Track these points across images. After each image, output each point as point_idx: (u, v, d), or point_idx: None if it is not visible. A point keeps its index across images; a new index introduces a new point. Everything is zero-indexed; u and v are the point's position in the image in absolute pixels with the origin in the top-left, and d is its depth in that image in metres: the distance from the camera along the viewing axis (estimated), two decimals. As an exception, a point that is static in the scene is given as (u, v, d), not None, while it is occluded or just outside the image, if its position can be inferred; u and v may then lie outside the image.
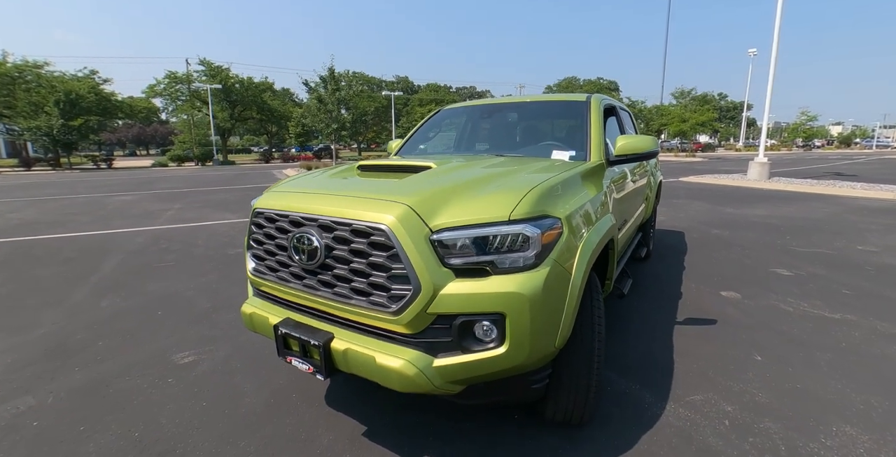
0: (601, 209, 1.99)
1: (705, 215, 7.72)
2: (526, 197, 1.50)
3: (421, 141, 3.31)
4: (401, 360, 1.41)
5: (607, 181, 2.33)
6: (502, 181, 1.68)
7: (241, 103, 39.41)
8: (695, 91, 50.17)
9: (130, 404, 2.25)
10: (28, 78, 30.93)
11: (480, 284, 1.39)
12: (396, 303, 1.43)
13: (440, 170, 1.85)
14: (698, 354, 2.63)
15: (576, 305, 1.54)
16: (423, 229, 1.41)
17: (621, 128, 3.55)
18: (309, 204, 1.66)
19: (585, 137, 2.59)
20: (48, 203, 10.54)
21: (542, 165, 2.13)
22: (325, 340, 1.55)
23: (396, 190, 1.59)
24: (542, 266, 1.44)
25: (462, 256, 1.41)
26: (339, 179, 1.95)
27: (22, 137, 32.18)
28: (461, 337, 1.42)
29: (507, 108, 3.18)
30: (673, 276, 4.20)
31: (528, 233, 1.41)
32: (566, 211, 1.61)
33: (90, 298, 3.80)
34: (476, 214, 1.44)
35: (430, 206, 1.46)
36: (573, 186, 1.85)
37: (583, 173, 2.07)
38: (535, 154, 2.64)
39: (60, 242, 6.04)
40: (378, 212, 1.46)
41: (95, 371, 2.59)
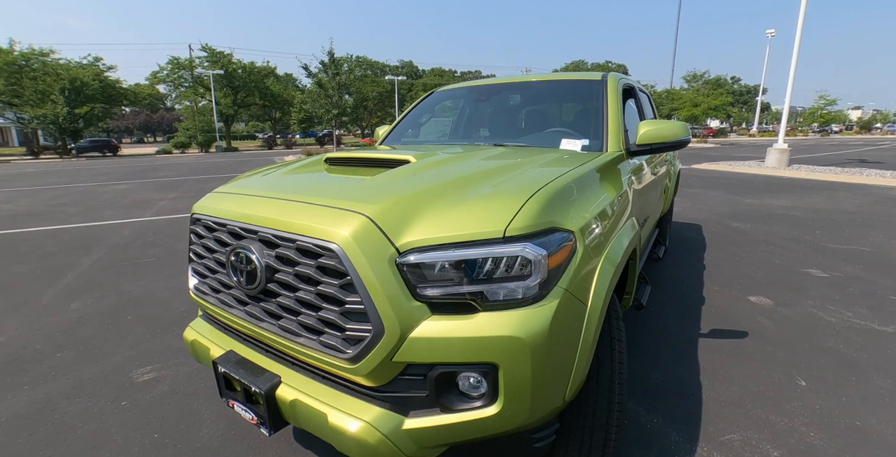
0: (623, 213, 1.61)
1: (723, 206, 7.25)
2: (528, 204, 1.13)
3: (411, 127, 2.92)
4: (359, 421, 1.07)
5: (627, 175, 1.94)
6: (497, 181, 1.30)
7: (244, 89, 38.94)
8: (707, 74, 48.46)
9: (73, 434, 1.95)
10: (34, 66, 30.73)
11: (465, 325, 1.03)
12: (353, 347, 1.08)
13: (419, 165, 1.47)
14: (730, 376, 2.26)
15: (592, 344, 1.18)
16: (386, 249, 1.04)
17: (641, 112, 3.12)
18: (251, 210, 1.31)
19: (601, 122, 2.18)
20: (44, 193, 10.32)
21: (549, 157, 1.74)
22: (269, 386, 1.21)
23: (356, 194, 1.22)
24: (548, 298, 1.07)
25: (440, 286, 1.04)
26: (298, 177, 1.59)
27: (30, 125, 32.17)
28: (439, 392, 1.07)
29: (510, 90, 2.76)
30: (692, 277, 3.81)
31: (530, 255, 1.04)
32: (581, 221, 1.23)
33: (60, 300, 3.52)
34: (460, 228, 1.07)
35: (398, 216, 1.09)
36: (589, 185, 1.47)
37: (600, 168, 1.68)
38: (542, 143, 2.24)
39: (45, 236, 5.78)
40: (327, 224, 1.09)
41: (45, 391, 2.30)
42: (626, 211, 1.68)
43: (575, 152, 1.95)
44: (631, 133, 2.37)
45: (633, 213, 1.81)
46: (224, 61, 36.90)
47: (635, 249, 1.70)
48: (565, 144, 2.09)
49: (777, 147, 13.33)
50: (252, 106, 42.73)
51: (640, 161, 2.44)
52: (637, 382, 2.21)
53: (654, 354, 2.50)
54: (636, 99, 2.98)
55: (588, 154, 1.89)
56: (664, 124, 2.01)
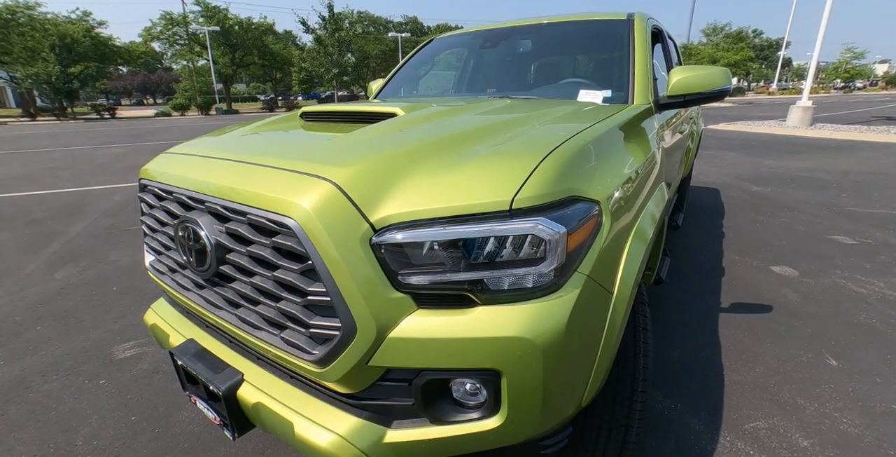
0: (654, 178, 1.35)
1: (742, 169, 6.86)
2: (541, 167, 0.87)
3: (408, 81, 2.59)
4: (331, 434, 0.88)
5: (656, 132, 1.65)
6: (502, 138, 1.03)
7: (242, 47, 37.22)
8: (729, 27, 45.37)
9: (47, 416, 1.84)
10: (21, 20, 29.32)
11: (459, 322, 0.81)
12: (320, 347, 0.87)
13: (406, 119, 1.20)
14: (753, 356, 2.08)
15: (617, 340, 0.96)
16: (357, 226, 0.81)
17: (668, 60, 2.75)
18: (199, 175, 1.06)
19: (627, 70, 1.85)
20: (37, 156, 10.07)
21: (565, 110, 1.45)
22: (229, 385, 1.02)
23: (322, 154, 0.96)
24: (566, 288, 0.84)
25: (428, 273, 0.81)
26: (264, 135, 1.32)
27: (23, 85, 31.27)
28: (428, 402, 0.87)
29: (519, 34, 2.39)
30: (711, 246, 3.57)
31: (545, 233, 0.80)
32: (607, 188, 0.97)
33: (44, 269, 3.38)
34: (453, 198, 0.82)
35: (375, 183, 0.84)
36: (614, 143, 1.20)
37: (626, 123, 1.39)
38: (556, 96, 1.93)
39: (34, 201, 5.60)
40: (283, 193, 0.85)
41: (20, 367, 2.18)
42: (657, 175, 1.41)
43: (596, 105, 1.65)
44: (660, 83, 2.04)
45: (662, 177, 1.54)
46: (220, 17, 35.05)
47: (663, 221, 1.45)
48: (584, 95, 1.77)
49: (801, 105, 12.58)
50: (251, 66, 41.06)
51: (668, 117, 2.13)
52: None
53: (671, 331, 2.32)
54: (664, 44, 2.61)
55: (611, 107, 1.59)
56: (701, 71, 1.69)
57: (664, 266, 2.08)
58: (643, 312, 1.19)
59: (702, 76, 1.67)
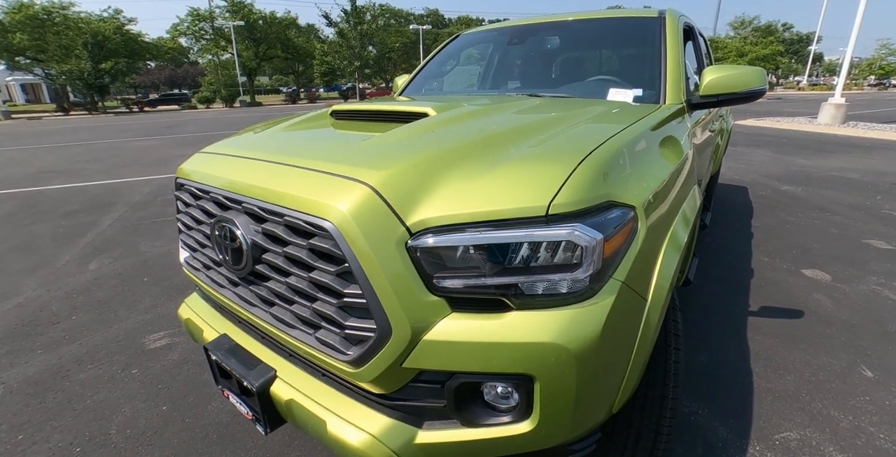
0: (687, 180, 1.32)
1: (771, 167, 6.64)
2: (578, 172, 0.86)
3: (434, 76, 2.58)
4: (363, 433, 0.89)
5: (688, 133, 1.61)
6: (536, 140, 1.02)
7: (266, 41, 37.81)
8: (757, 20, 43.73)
9: (82, 405, 1.91)
10: (56, 20, 30.44)
11: (493, 327, 0.81)
12: (355, 348, 0.88)
13: (438, 119, 1.20)
14: (784, 363, 2.02)
15: (650, 346, 0.95)
16: (394, 229, 0.81)
17: (699, 58, 2.67)
18: (236, 175, 1.08)
19: (659, 68, 1.81)
20: (70, 149, 10.44)
21: (596, 110, 1.43)
22: (262, 381, 1.05)
23: (357, 156, 0.97)
24: (601, 294, 0.84)
25: (463, 277, 0.82)
26: (296, 133, 1.34)
27: (57, 81, 32.46)
28: (460, 404, 0.88)
29: (547, 31, 2.35)
30: (739, 246, 3.47)
31: (582, 239, 0.79)
32: (643, 193, 0.96)
33: (79, 260, 3.52)
34: (489, 203, 0.82)
35: (411, 186, 0.85)
36: (648, 146, 1.17)
37: (659, 124, 1.36)
38: (585, 94, 1.90)
39: (68, 193, 5.82)
40: (321, 196, 0.86)
41: (57, 355, 2.28)
42: (690, 177, 1.38)
43: (627, 105, 1.62)
44: (692, 82, 1.99)
45: (695, 179, 1.51)
46: (244, 12, 35.66)
47: (695, 223, 1.42)
48: (613, 94, 1.74)
49: (833, 102, 12.08)
50: (274, 59, 41.70)
51: (699, 116, 2.07)
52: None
53: (698, 334, 2.27)
54: (695, 42, 2.53)
55: (643, 107, 1.56)
56: (735, 71, 1.64)
57: (692, 267, 2.04)
58: (675, 317, 1.17)
59: (736, 76, 1.62)
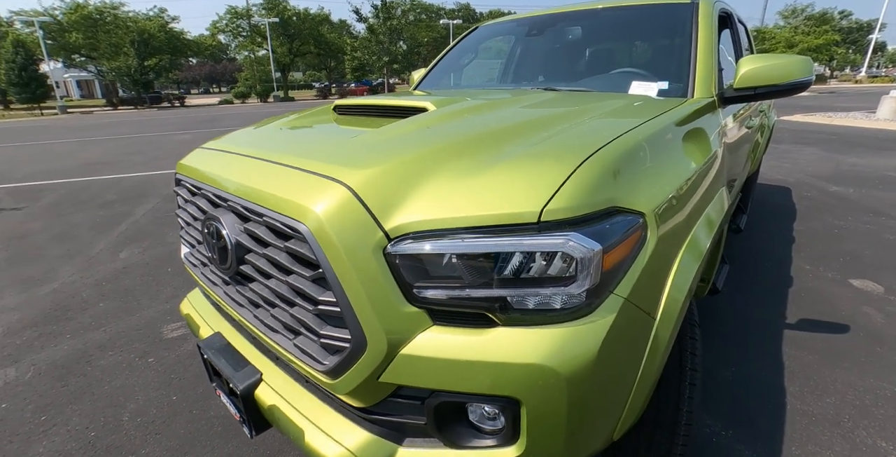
0: (713, 182, 1.19)
1: (820, 166, 6.18)
2: (578, 173, 0.77)
3: (451, 70, 2.50)
4: (339, 447, 0.85)
5: (719, 130, 1.47)
6: (537, 138, 0.93)
7: (299, 37, 38.71)
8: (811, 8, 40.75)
9: (101, 390, 1.98)
10: (107, 19, 32.21)
11: (477, 343, 0.74)
12: (332, 357, 0.83)
13: (436, 115, 1.12)
14: (824, 383, 1.84)
15: (658, 368, 0.85)
16: (371, 233, 0.75)
17: (738, 47, 2.47)
18: (225, 173, 1.05)
19: (688, 59, 1.66)
20: (115, 142, 11.00)
21: (613, 105, 1.32)
22: (247, 384, 1.02)
23: (341, 154, 0.92)
24: (600, 311, 0.75)
25: (445, 288, 0.75)
26: (294, 130, 1.30)
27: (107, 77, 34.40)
28: (441, 423, 0.81)
29: (569, 21, 2.22)
30: (778, 252, 3.23)
31: (576, 250, 0.70)
32: (656, 198, 0.85)
33: (111, 249, 3.67)
34: (476, 207, 0.74)
35: (392, 187, 0.78)
36: (666, 145, 1.06)
37: (683, 120, 1.24)
38: (606, 88, 1.77)
39: (109, 184, 6.11)
40: (298, 196, 0.81)
41: (83, 341, 2.37)
42: (717, 179, 1.25)
43: (648, 99, 1.49)
44: (726, 73, 1.83)
45: (723, 180, 1.37)
46: (280, 8, 36.58)
47: (722, 229, 1.29)
48: (636, 87, 1.61)
49: (895, 95, 11.13)
50: (307, 54, 42.64)
51: (734, 111, 1.90)
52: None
53: (726, 345, 2.11)
54: (733, 30, 2.34)
55: (667, 101, 1.43)
56: (776, 60, 1.48)
57: (721, 275, 1.88)
58: (692, 334, 1.06)
59: (777, 66, 1.46)
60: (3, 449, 1.70)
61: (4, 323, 2.60)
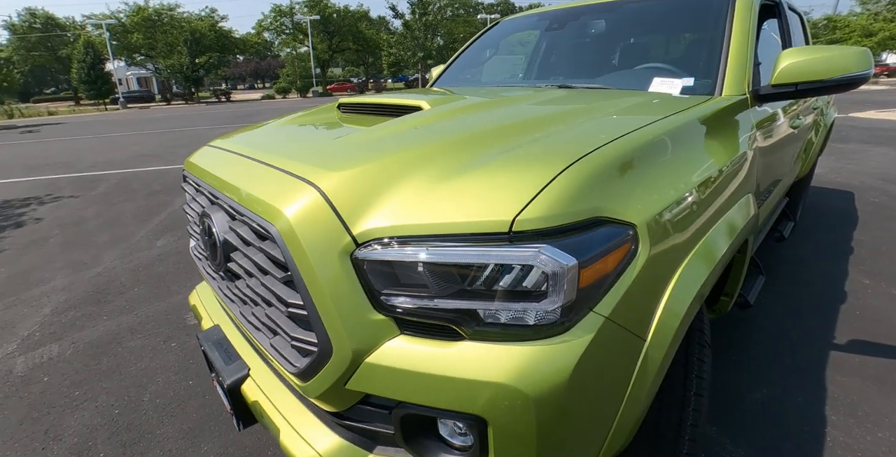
0: (734, 188, 1.09)
1: (891, 168, 5.61)
2: (559, 180, 0.71)
3: (470, 66, 2.44)
4: (310, 449, 0.84)
5: (749, 131, 1.34)
6: (527, 140, 0.87)
7: (339, 34, 39.58)
8: (896, -8, 36.93)
9: (128, 370, 2.10)
10: (165, 20, 34.25)
11: (443, 357, 0.71)
12: (303, 360, 0.82)
13: (428, 115, 1.09)
14: (877, 413, 1.65)
15: (648, 394, 0.79)
16: (339, 237, 0.73)
17: (785, 39, 2.26)
18: (221, 171, 1.07)
19: (719, 53, 1.52)
20: (165, 136, 11.68)
21: (624, 104, 1.23)
22: (234, 378, 1.03)
23: (321, 155, 0.90)
24: (575, 330, 0.69)
25: (412, 296, 0.71)
26: (293, 128, 1.31)
27: (163, 74, 36.61)
28: (408, 435, 0.78)
29: (594, 14, 2.09)
30: (832, 264, 2.95)
31: (547, 264, 0.65)
32: (650, 206, 0.78)
33: (150, 237, 3.89)
34: (445, 214, 0.70)
35: (364, 191, 0.75)
36: (676, 147, 0.97)
37: (704, 119, 1.13)
38: (627, 85, 1.67)
39: (156, 175, 6.48)
40: (272, 198, 0.80)
41: (117, 323, 2.52)
42: (740, 185, 1.14)
43: (667, 97, 1.38)
44: (766, 68, 1.67)
45: (751, 186, 1.25)
46: (321, 6, 37.51)
47: (747, 239, 1.18)
48: (658, 84, 1.49)
49: None
50: (346, 51, 43.57)
51: (775, 109, 1.74)
52: (725, 400, 1.73)
53: (757, 363, 1.95)
54: (781, 20, 2.14)
55: (689, 99, 1.32)
56: (823, 53, 1.33)
57: (754, 287, 1.74)
58: (700, 355, 0.97)
59: (823, 60, 1.31)
60: (43, 419, 1.84)
61: (54, 302, 2.82)
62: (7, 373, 2.15)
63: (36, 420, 1.83)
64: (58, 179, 6.55)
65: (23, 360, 2.25)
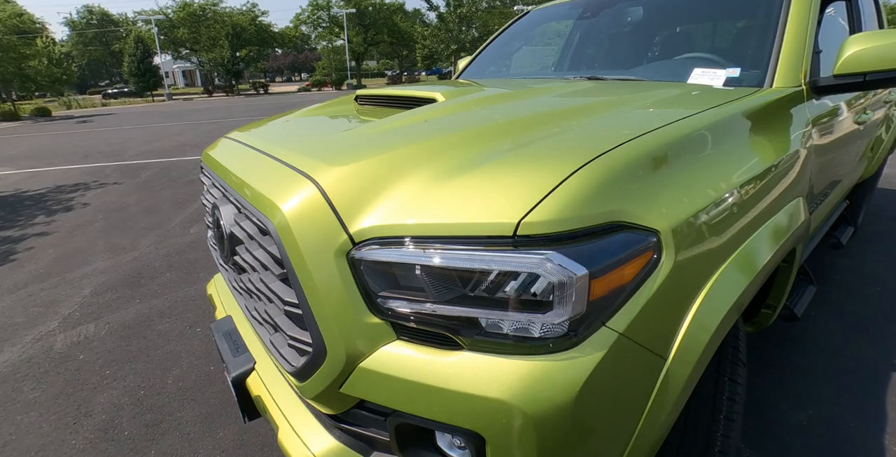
0: (782, 191, 0.97)
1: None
2: (573, 180, 0.64)
3: (499, 58, 2.36)
4: (306, 450, 0.81)
5: (803, 127, 1.21)
6: (542, 135, 0.80)
7: (374, 27, 39.87)
8: None
9: (156, 353, 2.18)
10: (208, 15, 35.55)
11: (439, 366, 0.66)
12: (300, 359, 0.80)
13: (440, 107, 1.03)
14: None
15: (668, 418, 0.71)
16: (335, 236, 0.69)
17: (854, 25, 2.04)
18: (231, 164, 1.05)
19: (771, 40, 1.38)
20: (205, 126, 12.14)
21: (657, 96, 1.13)
22: (239, 372, 1.03)
23: (327, 148, 0.86)
24: (583, 347, 0.62)
25: (410, 300, 0.67)
26: (307, 120, 1.28)
27: (206, 67, 38.11)
28: (403, 444, 0.74)
29: (630, 1, 1.96)
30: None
31: (552, 273, 0.58)
32: (680, 211, 0.70)
33: (184, 224, 4.04)
34: (446, 213, 0.65)
35: (364, 187, 0.71)
36: (715, 144, 0.87)
37: (750, 114, 1.02)
38: (662, 76, 1.54)
39: (192, 165, 6.73)
40: (272, 193, 0.77)
41: (148, 306, 2.62)
42: (789, 187, 1.02)
43: (709, 89, 1.26)
44: (827, 57, 1.51)
45: (802, 188, 1.13)
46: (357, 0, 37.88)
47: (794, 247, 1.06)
48: (698, 75, 1.37)
49: None
50: (381, 43, 43.86)
51: (837, 102, 1.57)
52: (766, 419, 1.60)
53: (805, 382, 1.77)
54: (851, 3, 1.93)
55: (733, 91, 1.20)
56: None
57: (803, 298, 1.58)
58: (733, 374, 0.88)
59: (896, 46, 1.16)
60: (76, 395, 1.94)
61: (94, 284, 2.97)
62: (48, 349, 2.28)
63: (70, 396, 1.93)
64: (105, 167, 6.92)
65: (62, 337, 2.37)
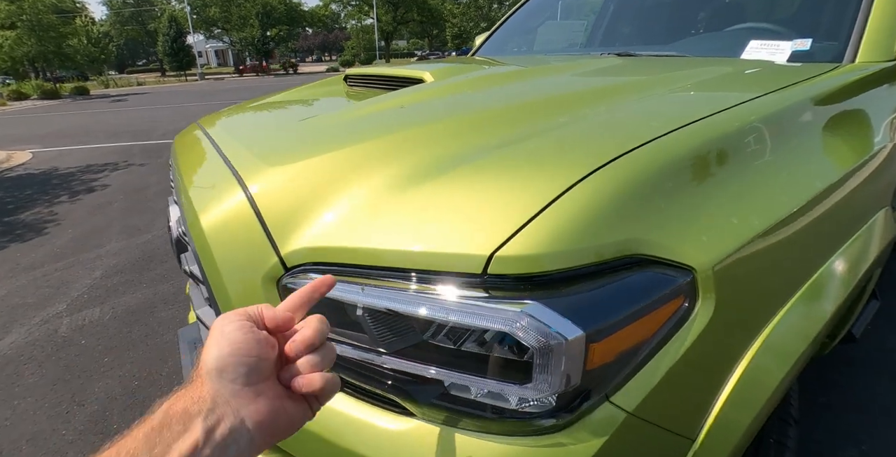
0: (863, 202, 0.75)
1: None
2: (570, 195, 0.45)
3: (520, 34, 2.11)
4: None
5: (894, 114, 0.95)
6: (538, 128, 0.60)
7: (403, 5, 39.20)
8: None
9: (155, 341, 2.14)
10: (239, -5, 35.76)
11: (385, 435, 0.50)
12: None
13: (422, 91, 0.84)
14: None
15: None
16: (265, 258, 0.53)
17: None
18: (186, 159, 0.91)
19: (850, 5, 1.10)
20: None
21: (702, 75, 0.90)
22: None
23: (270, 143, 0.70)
24: (576, 429, 0.45)
25: (353, 346, 0.51)
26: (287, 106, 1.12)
27: (236, 47, 38.50)
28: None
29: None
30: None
31: (531, 335, 0.40)
32: (725, 241, 0.49)
33: (200, 208, 4.02)
34: (403, 238, 0.48)
35: (302, 196, 0.55)
36: (777, 142, 0.65)
37: (821, 99, 0.79)
38: (711, 51, 1.29)
39: (216, 146, 6.75)
40: (198, 200, 0.62)
41: (153, 292, 2.60)
42: (876, 196, 0.79)
43: (769, 65, 1.01)
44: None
45: (888, 197, 0.89)
46: (387, -24, 37.20)
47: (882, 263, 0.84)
48: (755, 49, 1.11)
49: None
50: (410, 22, 43.04)
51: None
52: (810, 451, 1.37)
53: (860, 411, 1.54)
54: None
55: (802, 68, 0.95)
56: None
57: (863, 316, 1.33)
58: (782, 436, 0.69)
59: None
60: (73, 382, 1.92)
61: (105, 266, 2.98)
62: (53, 333, 2.28)
63: (67, 383, 1.91)
64: (132, 146, 7.03)
65: (68, 321, 2.37)
